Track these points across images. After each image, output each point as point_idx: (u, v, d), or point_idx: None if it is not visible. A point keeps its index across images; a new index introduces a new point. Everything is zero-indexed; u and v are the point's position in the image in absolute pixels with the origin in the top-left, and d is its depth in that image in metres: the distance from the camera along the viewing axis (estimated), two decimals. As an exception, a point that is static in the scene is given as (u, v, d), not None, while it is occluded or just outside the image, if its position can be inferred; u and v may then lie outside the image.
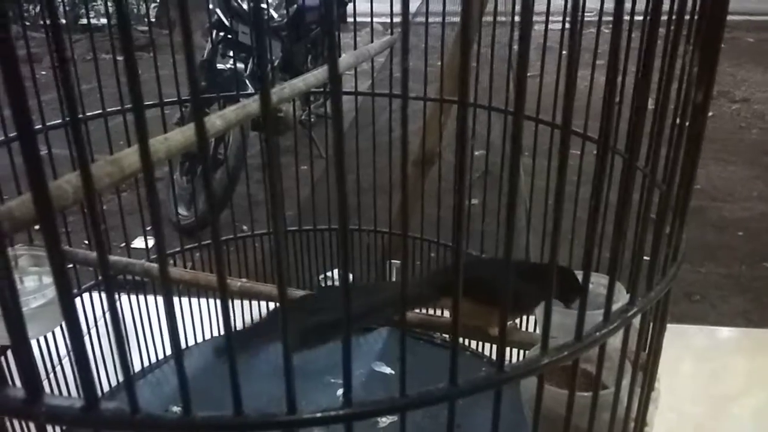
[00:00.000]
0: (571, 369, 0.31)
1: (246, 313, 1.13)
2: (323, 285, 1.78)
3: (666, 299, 0.39)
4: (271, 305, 1.13)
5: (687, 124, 0.41)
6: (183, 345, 1.08)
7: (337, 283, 1.81)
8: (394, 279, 0.97)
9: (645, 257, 0.39)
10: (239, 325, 1.14)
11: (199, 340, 1.10)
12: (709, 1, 0.40)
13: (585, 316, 0.31)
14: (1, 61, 0.22)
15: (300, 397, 0.28)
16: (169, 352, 1.06)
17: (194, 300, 1.09)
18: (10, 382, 0.32)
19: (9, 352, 0.75)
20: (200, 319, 1.10)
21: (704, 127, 0.43)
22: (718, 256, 2.33)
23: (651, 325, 0.40)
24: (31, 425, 0.72)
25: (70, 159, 0.88)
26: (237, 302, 0.96)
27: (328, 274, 1.79)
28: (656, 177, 0.42)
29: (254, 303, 1.14)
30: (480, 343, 1.03)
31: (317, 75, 0.61)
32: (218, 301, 1.05)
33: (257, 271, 1.12)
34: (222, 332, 1.10)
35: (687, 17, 0.46)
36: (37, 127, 0.85)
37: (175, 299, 1.06)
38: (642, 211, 0.39)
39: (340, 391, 0.95)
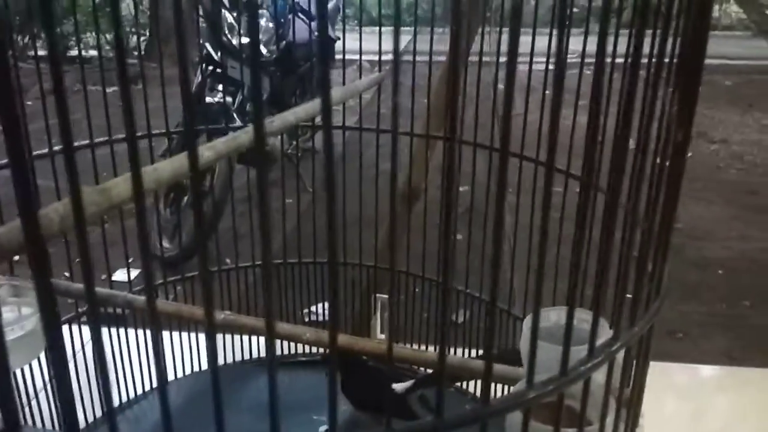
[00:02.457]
0: (555, 404, 0.31)
1: (228, 347, 1.12)
2: (307, 320, 1.77)
3: (650, 334, 0.39)
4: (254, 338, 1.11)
5: (667, 162, 0.42)
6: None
7: (320, 317, 1.79)
8: (378, 313, 0.96)
9: (627, 294, 0.39)
10: (222, 360, 1.12)
11: (179, 375, 1.08)
12: (688, 44, 0.41)
13: (570, 350, 0.31)
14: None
15: None
16: (147, 387, 1.04)
17: (174, 333, 1.07)
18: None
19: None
20: (180, 354, 1.08)
21: (684, 165, 0.44)
22: (699, 294, 2.35)
23: (635, 360, 0.40)
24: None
25: (54, 191, 0.87)
26: (219, 336, 0.95)
27: (312, 308, 1.78)
28: (638, 215, 0.43)
29: (236, 337, 1.13)
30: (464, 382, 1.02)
31: (307, 108, 0.62)
32: (199, 335, 1.03)
33: (240, 304, 1.11)
34: (202, 368, 1.08)
35: (666, 60, 0.48)
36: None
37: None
38: (624, 248, 0.39)
39: (322, 429, 0.93)
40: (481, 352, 1.05)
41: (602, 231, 0.41)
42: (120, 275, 1.35)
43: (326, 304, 1.73)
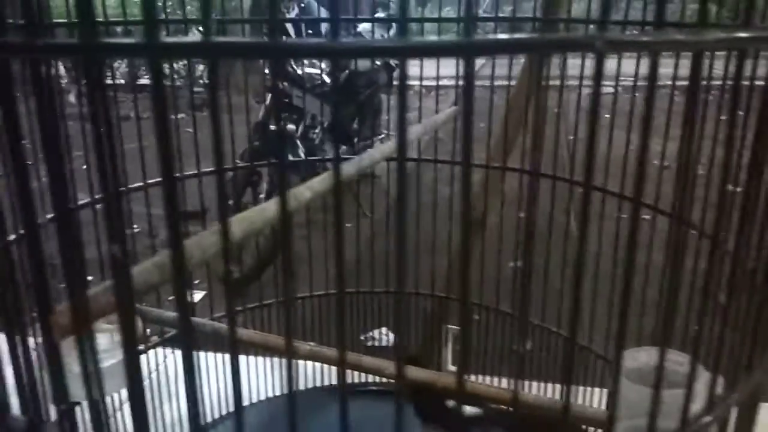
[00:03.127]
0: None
1: (309, 375, 1.11)
2: (368, 345, 1.76)
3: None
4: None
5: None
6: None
7: (383, 344, 1.78)
8: (450, 345, 0.94)
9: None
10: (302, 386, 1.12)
11: (254, 399, 1.09)
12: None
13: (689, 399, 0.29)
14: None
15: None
16: (223, 412, 1.04)
17: (251, 358, 1.08)
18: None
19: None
20: (256, 378, 1.09)
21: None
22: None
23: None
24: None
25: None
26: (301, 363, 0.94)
27: (371, 334, 1.77)
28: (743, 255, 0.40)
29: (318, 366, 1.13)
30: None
31: (383, 150, 0.62)
32: (275, 360, 1.02)
33: (306, 330, 1.11)
34: (277, 392, 1.08)
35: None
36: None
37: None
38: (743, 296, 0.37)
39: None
40: (549, 385, 1.02)
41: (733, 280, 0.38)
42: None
43: (384, 330, 1.71)
